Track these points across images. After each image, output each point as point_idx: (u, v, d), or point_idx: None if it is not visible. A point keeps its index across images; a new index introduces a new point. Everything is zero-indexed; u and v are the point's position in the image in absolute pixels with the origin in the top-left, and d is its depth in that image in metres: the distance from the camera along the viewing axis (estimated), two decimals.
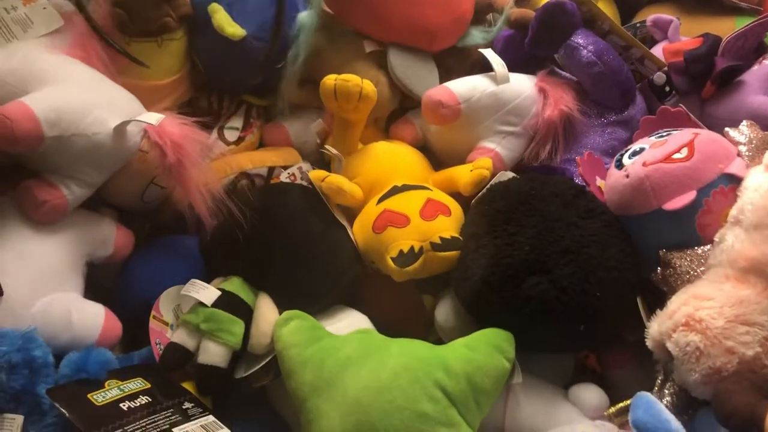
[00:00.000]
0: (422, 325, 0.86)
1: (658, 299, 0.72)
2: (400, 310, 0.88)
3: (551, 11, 0.91)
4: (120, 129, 0.75)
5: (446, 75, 0.98)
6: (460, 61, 1.02)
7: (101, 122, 0.74)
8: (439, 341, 0.77)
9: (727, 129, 0.76)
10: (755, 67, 0.89)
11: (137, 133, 0.78)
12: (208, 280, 0.81)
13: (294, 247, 0.79)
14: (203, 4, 0.93)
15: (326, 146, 0.90)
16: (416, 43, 0.98)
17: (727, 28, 0.99)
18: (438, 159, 0.98)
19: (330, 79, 0.87)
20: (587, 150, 0.90)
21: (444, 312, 0.81)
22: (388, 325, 0.85)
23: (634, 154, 0.77)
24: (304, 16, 0.97)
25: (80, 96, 0.74)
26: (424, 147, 1.00)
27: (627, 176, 0.75)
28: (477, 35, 1.03)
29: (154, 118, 0.75)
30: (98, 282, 0.86)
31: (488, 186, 0.84)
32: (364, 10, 0.95)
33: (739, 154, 0.74)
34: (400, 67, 0.96)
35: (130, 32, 0.89)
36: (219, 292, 0.76)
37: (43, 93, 0.72)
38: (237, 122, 1.01)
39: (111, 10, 0.88)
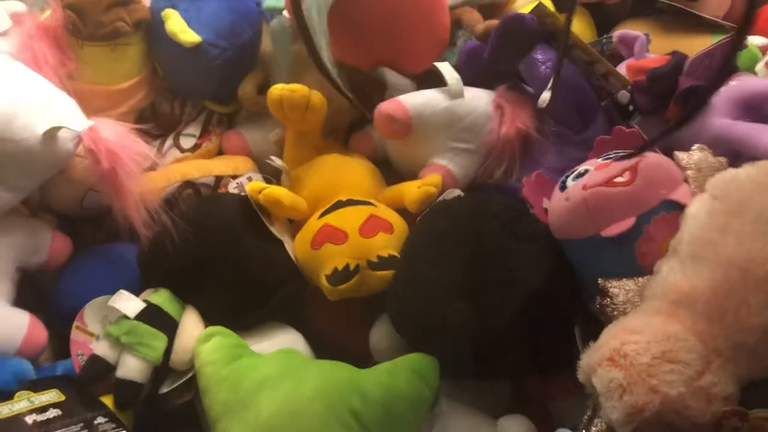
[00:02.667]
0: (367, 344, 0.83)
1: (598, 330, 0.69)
2: (344, 327, 0.85)
3: (510, 24, 0.87)
4: (50, 135, 0.73)
5: None
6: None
7: (29, 127, 0.73)
8: None
9: (676, 152, 0.73)
10: (722, 89, 0.85)
11: (70, 140, 0.77)
12: (143, 290, 0.80)
13: (222, 261, 0.77)
14: (159, 8, 0.92)
15: (271, 157, 0.89)
16: (399, 68, 0.96)
17: (702, 45, 0.95)
18: (397, 172, 0.96)
19: (276, 89, 0.86)
20: (544, 169, 0.87)
21: (378, 333, 0.79)
22: (331, 344, 0.83)
23: (579, 176, 0.73)
24: (277, 24, 0.96)
25: (9, 100, 0.73)
26: (384, 160, 0.98)
27: (567, 199, 0.72)
28: (447, 55, 1.00)
29: (82, 124, 0.74)
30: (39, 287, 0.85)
31: (432, 204, 0.82)
32: (346, 40, 0.91)
33: (686, 180, 0.70)
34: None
35: (82, 36, 0.88)
36: (143, 305, 0.75)
37: None
38: (194, 129, 0.99)
39: (63, 12, 0.87)
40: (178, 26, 0.89)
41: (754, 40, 1.01)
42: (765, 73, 0.90)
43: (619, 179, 0.69)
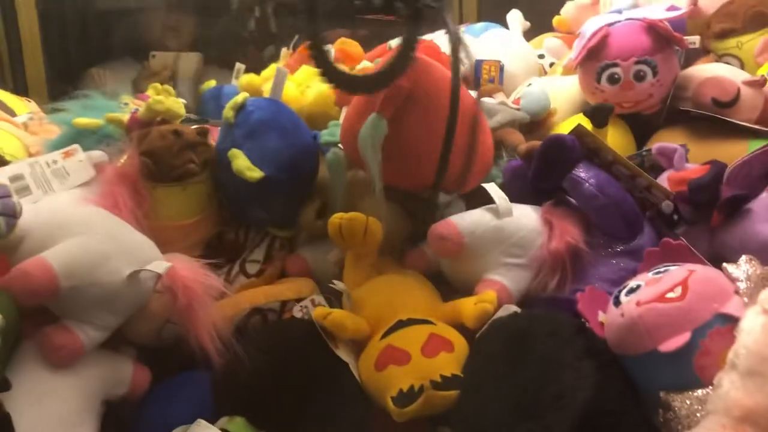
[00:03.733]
0: None
1: None
2: None
3: (551, 146, 0.93)
4: (133, 276, 0.80)
5: None
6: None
7: (116, 272, 0.80)
8: None
9: (725, 265, 0.75)
10: (763, 195, 0.88)
11: (150, 279, 0.83)
12: (218, 418, 0.84)
13: (293, 387, 0.81)
14: (225, 149, 1.00)
15: (334, 281, 0.94)
16: (448, 189, 1.02)
17: (739, 152, 0.99)
18: (452, 286, 1.00)
19: (336, 219, 0.92)
20: (596, 280, 0.90)
21: None
22: None
23: (631, 291, 0.76)
24: (332, 156, 1.03)
25: (97, 247, 0.80)
26: (439, 273, 1.02)
27: (622, 315, 0.74)
28: (494, 173, 1.06)
29: (162, 266, 0.80)
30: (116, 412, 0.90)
31: (490, 321, 0.85)
32: (398, 167, 0.96)
33: (737, 292, 0.72)
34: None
35: (156, 179, 0.97)
36: None
37: (62, 246, 0.79)
38: (259, 255, 1.06)
39: (139, 159, 0.96)
40: (244, 164, 0.97)
41: None
42: None
43: (670, 294, 0.72)
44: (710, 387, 0.68)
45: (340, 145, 1.04)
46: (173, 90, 1.38)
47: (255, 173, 0.97)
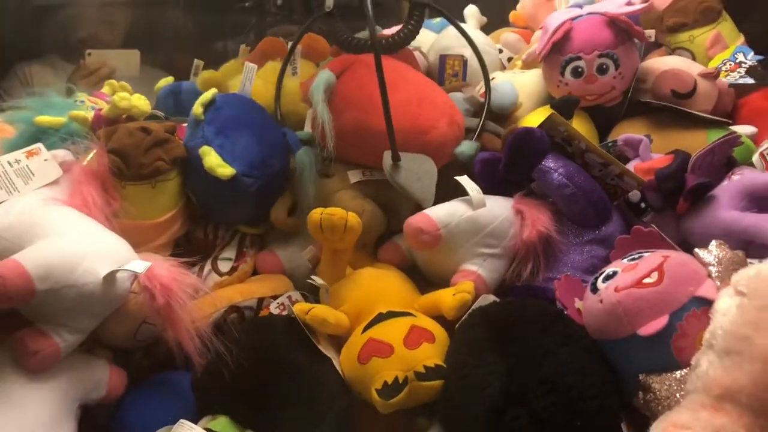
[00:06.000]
0: None
1: (644, 424, 0.72)
2: None
3: (521, 138, 0.95)
4: (109, 277, 0.78)
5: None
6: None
7: (92, 273, 0.78)
8: None
9: (696, 250, 0.78)
10: (725, 182, 0.92)
11: (127, 279, 0.81)
12: (200, 417, 0.83)
13: (276, 383, 0.81)
14: (194, 146, 0.99)
15: (312, 277, 0.93)
16: (412, 144, 1.02)
17: (699, 142, 1.03)
18: (426, 279, 1.01)
19: (316, 213, 0.91)
20: (568, 268, 0.92)
21: None
22: None
23: (608, 278, 0.78)
24: (303, 154, 1.03)
25: (71, 248, 0.78)
26: (413, 267, 1.03)
27: (601, 301, 0.76)
28: (470, 146, 1.07)
29: (141, 266, 0.79)
30: (94, 421, 0.88)
31: (470, 311, 0.86)
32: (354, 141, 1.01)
33: (709, 275, 0.75)
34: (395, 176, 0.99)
35: (125, 177, 0.94)
36: None
37: (35, 248, 0.76)
38: (230, 253, 1.05)
39: (108, 157, 0.94)
40: (216, 161, 0.96)
41: (743, 129, 1.10)
42: (760, 163, 0.97)
43: (647, 280, 0.75)
44: (688, 368, 0.71)
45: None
46: (129, 87, 1.35)
47: (226, 170, 0.96)
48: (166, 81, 1.51)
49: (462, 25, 1.47)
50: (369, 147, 1.00)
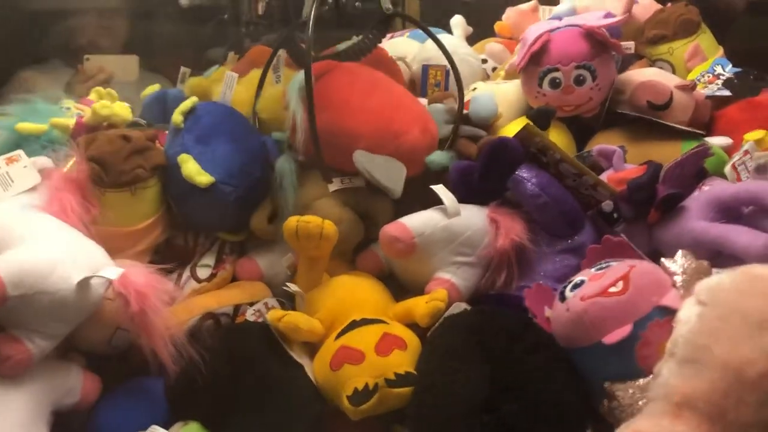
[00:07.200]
0: None
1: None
2: None
3: (495, 148, 0.96)
4: (83, 284, 0.79)
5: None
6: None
7: (65, 279, 0.78)
8: None
9: (662, 259, 0.79)
10: (696, 193, 0.93)
11: (101, 285, 0.82)
12: (172, 424, 0.83)
13: (248, 390, 0.81)
14: (174, 154, 1.00)
15: (287, 284, 0.94)
16: (385, 147, 1.02)
17: (673, 152, 1.04)
18: (403, 286, 1.02)
19: (292, 221, 0.92)
20: (541, 277, 0.94)
21: None
22: None
23: (576, 286, 0.80)
24: (283, 162, 1.04)
25: (45, 255, 0.79)
26: (391, 275, 1.04)
27: (567, 310, 0.77)
28: (442, 155, 1.08)
29: (114, 273, 0.80)
30: (69, 427, 0.88)
31: (442, 319, 0.87)
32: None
33: (674, 285, 0.77)
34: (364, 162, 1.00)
35: (105, 184, 0.95)
36: None
37: (8, 255, 0.77)
38: (209, 259, 1.05)
39: (87, 164, 0.95)
40: (194, 169, 0.97)
41: (718, 141, 1.11)
42: (732, 174, 0.98)
43: (613, 289, 0.76)
44: (651, 376, 0.72)
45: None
46: (116, 94, 1.36)
47: (205, 178, 0.97)
48: (152, 88, 1.52)
49: (447, 35, 1.50)
50: (342, 148, 1.01)
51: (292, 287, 0.93)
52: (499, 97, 1.25)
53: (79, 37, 1.73)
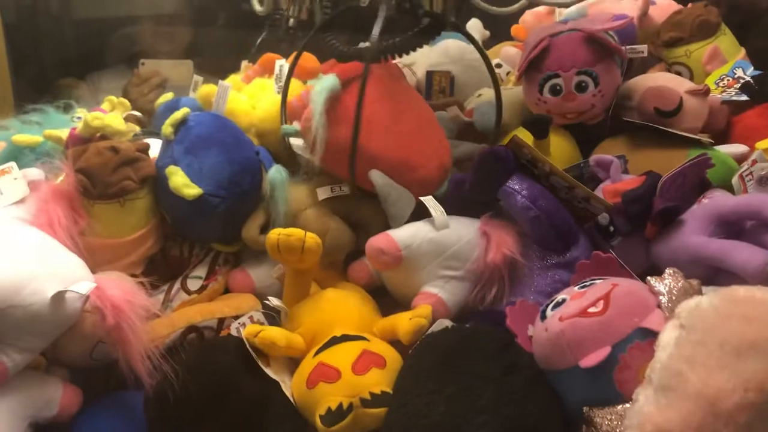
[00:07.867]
0: None
1: None
2: None
3: (486, 158, 0.93)
4: (57, 298, 0.79)
5: None
6: None
7: (39, 293, 0.78)
8: None
9: (649, 278, 0.75)
10: (695, 206, 0.88)
11: (77, 299, 0.82)
12: None
13: (223, 406, 0.80)
14: (164, 165, 0.99)
15: (269, 298, 0.93)
16: (399, 177, 1.01)
17: (679, 161, 0.99)
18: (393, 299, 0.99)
19: (274, 234, 0.91)
20: (532, 292, 0.90)
21: None
22: None
23: (557, 305, 0.76)
24: (275, 172, 1.03)
25: (20, 268, 0.79)
26: (382, 287, 1.01)
27: (546, 330, 0.74)
28: None
29: (85, 287, 0.79)
30: None
31: (423, 337, 0.84)
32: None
33: (659, 306, 0.72)
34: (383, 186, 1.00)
35: (93, 196, 0.95)
36: None
37: None
38: (201, 271, 1.05)
39: (75, 176, 0.95)
40: (182, 181, 0.96)
41: (730, 149, 1.05)
42: (739, 185, 0.93)
43: (592, 309, 0.72)
44: (630, 402, 0.68)
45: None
46: (128, 104, 1.37)
47: (192, 190, 0.96)
48: (166, 97, 1.53)
49: (453, 40, 1.47)
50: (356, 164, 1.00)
51: (274, 301, 0.92)
52: (505, 102, 1.22)
53: (140, 43, 1.79)
